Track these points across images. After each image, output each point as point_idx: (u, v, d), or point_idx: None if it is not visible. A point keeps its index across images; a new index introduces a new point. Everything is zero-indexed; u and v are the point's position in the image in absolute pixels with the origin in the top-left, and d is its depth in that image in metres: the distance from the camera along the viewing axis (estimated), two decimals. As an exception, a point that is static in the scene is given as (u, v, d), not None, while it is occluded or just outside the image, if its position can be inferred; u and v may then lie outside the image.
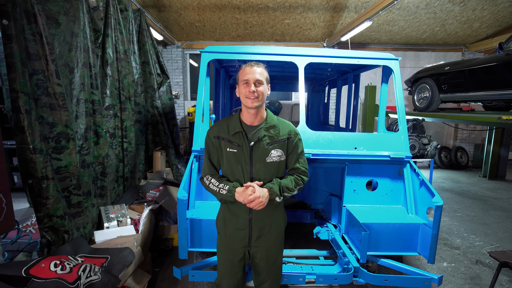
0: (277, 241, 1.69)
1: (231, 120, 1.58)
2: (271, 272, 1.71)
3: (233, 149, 1.53)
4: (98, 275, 1.79)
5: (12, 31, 1.78)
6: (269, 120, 1.58)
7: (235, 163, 1.54)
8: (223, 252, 1.69)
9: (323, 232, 2.81)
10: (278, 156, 1.56)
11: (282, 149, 1.57)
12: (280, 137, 1.56)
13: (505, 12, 5.53)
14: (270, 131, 1.55)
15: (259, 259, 1.66)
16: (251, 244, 1.63)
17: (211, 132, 1.60)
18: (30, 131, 1.88)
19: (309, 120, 5.71)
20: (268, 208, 1.57)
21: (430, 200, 2.17)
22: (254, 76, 1.47)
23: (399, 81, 2.57)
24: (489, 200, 5.23)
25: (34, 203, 1.98)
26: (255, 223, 1.59)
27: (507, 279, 2.78)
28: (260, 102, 1.48)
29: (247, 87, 1.47)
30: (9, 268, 1.55)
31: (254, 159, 1.53)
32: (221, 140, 1.56)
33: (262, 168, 1.54)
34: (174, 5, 5.48)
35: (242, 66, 1.54)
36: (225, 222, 1.66)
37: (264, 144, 1.53)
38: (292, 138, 1.59)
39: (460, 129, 8.04)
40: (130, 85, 3.58)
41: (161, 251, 3.07)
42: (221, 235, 1.70)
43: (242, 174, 1.54)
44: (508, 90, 3.54)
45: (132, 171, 3.73)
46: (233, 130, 1.53)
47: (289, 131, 1.59)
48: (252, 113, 1.52)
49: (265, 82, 1.50)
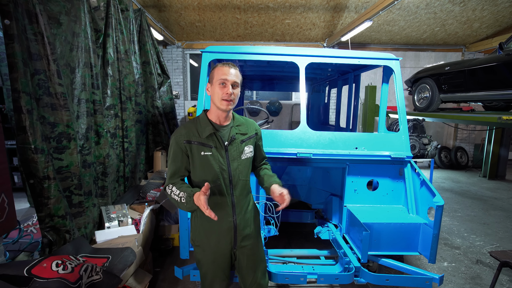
0: (259, 237, 1.72)
1: (198, 122, 1.52)
2: (259, 269, 1.69)
3: (207, 151, 1.47)
4: (100, 275, 1.79)
5: (14, 31, 1.78)
6: (236, 119, 1.60)
7: (211, 165, 1.48)
8: (209, 261, 1.59)
9: (324, 232, 2.81)
10: (250, 152, 1.60)
11: (252, 145, 1.61)
12: (249, 133, 1.60)
13: (505, 12, 5.54)
14: (240, 128, 1.57)
15: (246, 259, 1.63)
16: (236, 246, 1.59)
17: (179, 136, 1.48)
18: (32, 131, 1.89)
19: (310, 120, 5.71)
20: (247, 206, 1.62)
21: (431, 200, 2.17)
22: (232, 78, 1.43)
23: (399, 81, 2.57)
24: (489, 200, 5.24)
25: (35, 203, 1.99)
26: (239, 224, 1.56)
27: (508, 279, 2.78)
28: (234, 105, 1.48)
29: (224, 88, 1.42)
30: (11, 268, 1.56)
31: (230, 158, 1.52)
32: (192, 144, 1.47)
33: (239, 166, 1.54)
34: (174, 5, 5.48)
35: (218, 65, 1.47)
36: (205, 232, 1.56)
37: (238, 142, 1.55)
38: (258, 133, 1.67)
39: (460, 129, 8.05)
40: (131, 85, 3.58)
41: (162, 251, 3.07)
42: (203, 247, 1.58)
43: (220, 175, 1.49)
44: (508, 90, 3.54)
45: (132, 171, 3.73)
46: (206, 132, 1.47)
47: (255, 127, 1.65)
48: (224, 114, 1.50)
49: (239, 85, 1.50)
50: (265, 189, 1.65)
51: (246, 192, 1.62)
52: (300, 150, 2.42)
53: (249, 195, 1.66)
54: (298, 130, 2.49)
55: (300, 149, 2.44)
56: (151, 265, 2.67)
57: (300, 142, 2.46)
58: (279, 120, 8.00)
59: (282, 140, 2.46)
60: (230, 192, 1.54)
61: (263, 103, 7.90)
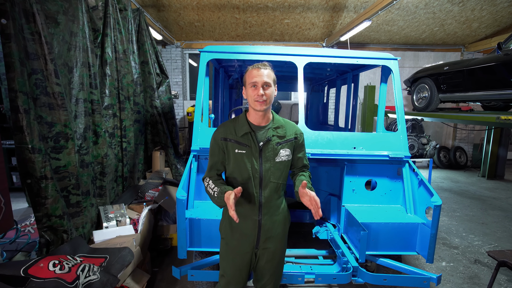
0: (283, 242, 1.69)
1: (237, 121, 1.57)
2: (275, 274, 1.69)
3: (242, 150, 1.52)
4: (97, 274, 1.78)
5: (11, 31, 1.77)
6: (276, 121, 1.59)
7: (244, 164, 1.52)
8: (229, 258, 1.64)
9: (322, 231, 2.81)
10: (286, 156, 1.57)
11: (290, 149, 1.59)
12: (288, 136, 1.58)
13: (504, 12, 5.54)
14: (278, 131, 1.56)
15: (265, 261, 1.63)
16: (258, 246, 1.60)
17: (217, 134, 1.57)
18: (29, 130, 1.88)
19: (308, 119, 5.71)
20: (276, 208, 1.60)
21: (429, 200, 2.17)
22: (262, 79, 1.45)
23: (398, 81, 2.57)
24: (487, 199, 5.24)
25: (33, 202, 1.98)
26: (264, 224, 1.57)
27: (506, 279, 2.79)
28: (268, 105, 1.49)
29: (255, 90, 1.45)
30: (8, 268, 1.55)
31: (264, 159, 1.53)
32: (228, 142, 1.54)
33: (272, 168, 1.54)
34: (173, 4, 5.47)
35: (249, 68, 1.51)
36: (231, 226, 1.61)
37: (274, 144, 1.54)
38: (299, 137, 1.63)
39: (459, 129, 8.06)
40: (129, 85, 3.58)
41: (160, 250, 3.06)
42: (227, 240, 1.64)
43: (251, 174, 1.53)
44: (507, 90, 3.55)
45: (131, 170, 3.73)
46: (242, 131, 1.52)
47: (295, 131, 1.62)
48: (260, 114, 1.52)
49: (272, 84, 1.49)
50: (295, 194, 1.58)
51: (277, 196, 1.60)
52: (298, 150, 2.42)
53: (280, 198, 1.63)
54: (296, 130, 2.48)
55: (298, 149, 2.44)
56: (150, 265, 2.67)
57: (298, 142, 2.46)
58: (278, 120, 7.99)
59: (280, 140, 2.45)
60: (259, 192, 1.54)
61: (262, 103, 7.88)
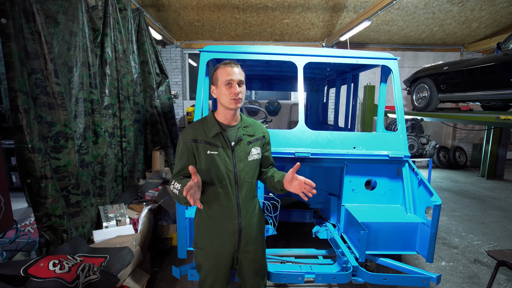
0: (262, 242, 1.69)
1: (206, 121, 1.52)
2: (260, 272, 1.69)
3: (214, 151, 1.47)
4: (97, 274, 1.78)
5: (11, 30, 1.77)
6: (244, 120, 1.59)
7: (218, 165, 1.47)
8: (210, 266, 1.57)
9: (322, 231, 2.81)
10: (257, 154, 1.57)
11: (259, 147, 1.59)
12: (257, 135, 1.59)
13: (503, 12, 5.55)
14: (247, 130, 1.56)
15: (248, 264, 1.61)
16: (240, 250, 1.57)
17: (186, 135, 1.49)
18: (29, 130, 1.88)
19: (308, 119, 5.71)
20: (253, 209, 1.59)
21: (429, 200, 2.17)
22: (237, 77, 1.43)
23: (397, 80, 2.57)
24: (487, 199, 5.25)
25: (32, 202, 1.98)
26: (244, 227, 1.54)
27: (505, 278, 2.79)
28: (242, 103, 1.48)
29: (231, 88, 1.42)
30: (8, 268, 1.55)
31: (237, 159, 1.51)
32: (199, 143, 1.47)
33: (246, 167, 1.53)
34: (173, 4, 5.47)
35: (220, 66, 1.46)
36: (209, 234, 1.54)
37: (245, 143, 1.53)
38: (266, 136, 1.64)
39: (458, 128, 8.06)
40: (129, 85, 3.58)
41: (160, 250, 3.06)
42: (206, 250, 1.56)
43: (226, 175, 1.49)
44: (506, 90, 3.55)
45: (131, 170, 3.73)
46: (212, 131, 1.47)
47: (262, 130, 1.63)
48: (231, 114, 1.50)
49: (244, 82, 1.49)
50: (278, 184, 1.53)
51: (252, 195, 1.60)
52: (298, 150, 2.42)
53: (255, 198, 1.63)
54: (296, 129, 2.49)
55: (298, 148, 2.44)
56: (149, 264, 2.67)
57: (298, 142, 2.46)
58: (278, 120, 8.00)
59: (280, 140, 2.45)
60: (236, 193, 1.52)
61: (262, 103, 7.89)
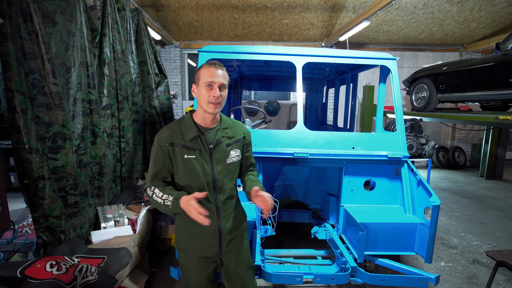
0: (245, 240, 1.68)
1: (183, 124, 1.46)
2: (248, 272, 1.67)
3: (191, 155, 1.42)
4: (95, 275, 1.78)
5: (8, 30, 1.76)
6: (224, 121, 1.54)
7: (195, 169, 1.43)
8: (192, 267, 1.56)
9: (321, 232, 2.81)
10: (237, 156, 1.54)
11: (239, 149, 1.56)
12: (237, 136, 1.54)
13: (502, 12, 5.56)
14: (227, 131, 1.51)
15: (234, 265, 1.59)
16: (222, 252, 1.56)
17: (161, 138, 1.42)
18: (26, 130, 1.87)
19: (307, 120, 5.71)
20: (232, 210, 1.57)
21: (428, 200, 2.17)
22: (219, 80, 1.36)
23: (397, 81, 2.57)
24: (486, 199, 5.25)
25: (30, 203, 1.97)
26: (224, 228, 1.53)
27: (504, 278, 2.79)
28: (221, 107, 1.41)
29: (211, 90, 1.36)
30: (4, 269, 1.54)
31: (215, 162, 1.47)
32: (176, 147, 1.41)
33: (224, 170, 1.49)
34: (172, 4, 5.46)
35: (204, 66, 1.40)
36: (189, 236, 1.53)
37: (224, 146, 1.49)
38: (247, 136, 1.60)
39: (457, 129, 8.07)
40: (128, 85, 3.56)
41: (158, 251, 3.06)
42: (187, 252, 1.55)
43: (203, 180, 1.45)
44: (505, 90, 3.55)
45: (129, 171, 3.72)
46: (190, 135, 1.41)
47: (243, 131, 1.59)
48: (211, 116, 1.44)
49: (227, 86, 1.44)
50: (246, 195, 1.56)
51: (231, 197, 1.57)
52: (297, 150, 2.42)
53: (234, 199, 1.60)
54: (295, 130, 2.48)
55: (297, 149, 2.44)
56: (148, 265, 2.66)
57: (297, 142, 2.46)
58: (277, 120, 8.00)
59: (279, 140, 2.45)
60: (214, 196, 1.49)
61: (261, 103, 7.89)
